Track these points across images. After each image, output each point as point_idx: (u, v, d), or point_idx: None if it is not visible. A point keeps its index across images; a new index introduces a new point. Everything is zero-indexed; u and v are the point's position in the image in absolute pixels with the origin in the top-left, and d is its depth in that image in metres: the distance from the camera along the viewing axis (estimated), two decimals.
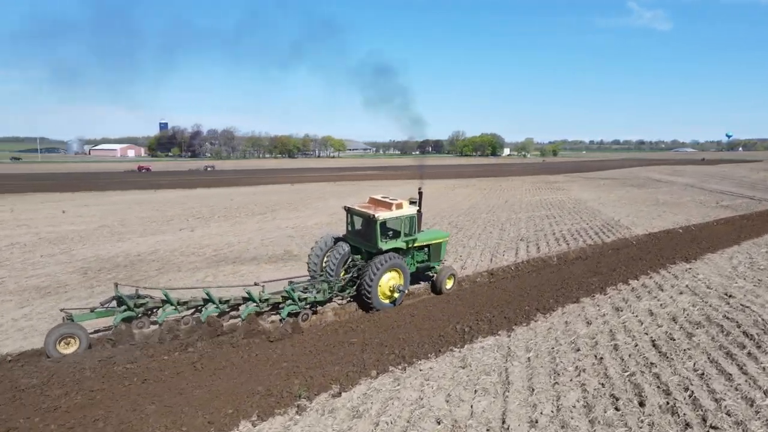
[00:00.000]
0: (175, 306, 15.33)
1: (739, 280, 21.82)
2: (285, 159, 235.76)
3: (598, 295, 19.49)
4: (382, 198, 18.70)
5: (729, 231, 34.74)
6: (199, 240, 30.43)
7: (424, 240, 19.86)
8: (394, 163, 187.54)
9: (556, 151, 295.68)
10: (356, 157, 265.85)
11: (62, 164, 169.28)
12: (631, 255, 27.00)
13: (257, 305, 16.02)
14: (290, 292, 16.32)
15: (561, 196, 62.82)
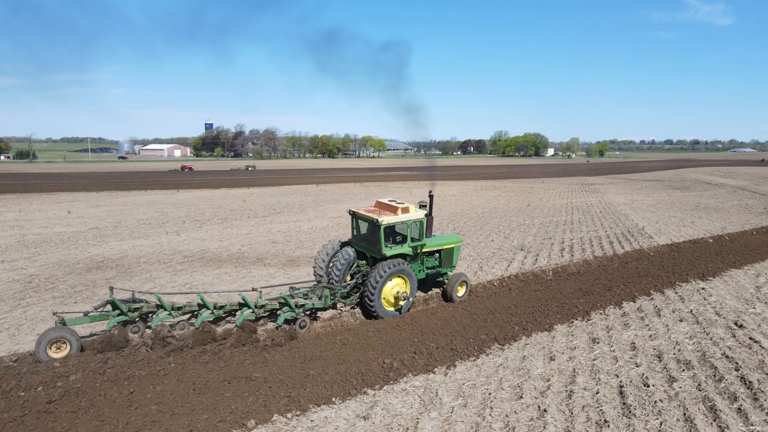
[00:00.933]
0: (169, 311, 14.98)
1: (758, 304, 18.46)
2: (324, 159, 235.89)
3: (578, 321, 16.62)
4: (389, 202, 18.01)
5: (767, 242, 30.84)
6: (176, 245, 28.92)
7: (434, 245, 18.93)
8: (433, 163, 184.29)
9: (602, 151, 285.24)
10: (396, 157, 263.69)
11: (109, 164, 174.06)
12: (640, 270, 23.76)
13: (253, 311, 15.49)
14: (286, 299, 15.75)
15: (592, 199, 58.88)
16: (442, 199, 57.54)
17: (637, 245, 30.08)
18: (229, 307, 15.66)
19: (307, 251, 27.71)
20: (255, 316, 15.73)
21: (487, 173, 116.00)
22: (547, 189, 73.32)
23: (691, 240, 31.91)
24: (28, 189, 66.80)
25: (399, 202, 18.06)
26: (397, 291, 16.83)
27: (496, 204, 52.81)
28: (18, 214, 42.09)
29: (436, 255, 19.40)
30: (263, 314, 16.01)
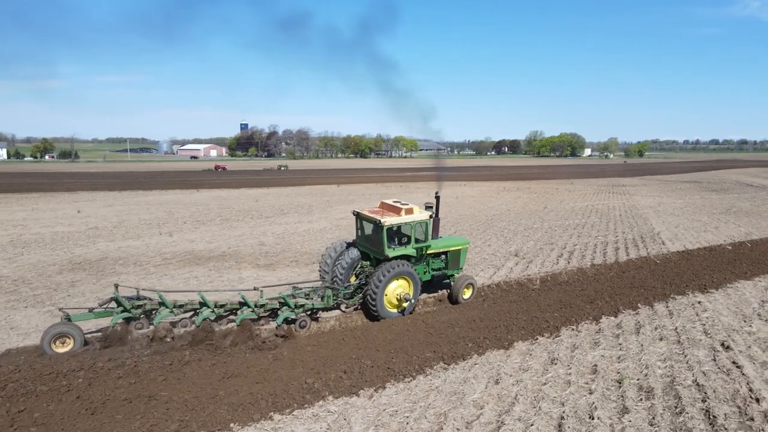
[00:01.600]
0: (171, 309, 15.16)
1: (756, 322, 16.55)
2: (356, 159, 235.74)
3: (543, 338, 15.12)
4: (393, 202, 17.85)
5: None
6: (162, 246, 28.47)
7: (440, 247, 18.84)
8: (463, 164, 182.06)
9: (642, 152, 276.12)
10: (429, 157, 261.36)
11: (145, 163, 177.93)
12: (636, 279, 21.92)
13: (253, 311, 15.61)
14: (285, 298, 15.83)
15: (617, 201, 56.31)
16: (458, 201, 56.03)
17: (645, 252, 28.10)
18: (230, 306, 15.74)
19: (290, 255, 26.85)
20: (256, 316, 15.75)
21: (516, 174, 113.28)
22: (573, 190, 70.75)
23: (706, 247, 29.66)
24: (55, 188, 68.25)
25: (403, 203, 17.76)
26: (399, 292, 16.73)
27: (512, 206, 50.93)
28: (28, 213, 42.70)
29: (442, 257, 19.18)
30: (264, 314, 15.96)
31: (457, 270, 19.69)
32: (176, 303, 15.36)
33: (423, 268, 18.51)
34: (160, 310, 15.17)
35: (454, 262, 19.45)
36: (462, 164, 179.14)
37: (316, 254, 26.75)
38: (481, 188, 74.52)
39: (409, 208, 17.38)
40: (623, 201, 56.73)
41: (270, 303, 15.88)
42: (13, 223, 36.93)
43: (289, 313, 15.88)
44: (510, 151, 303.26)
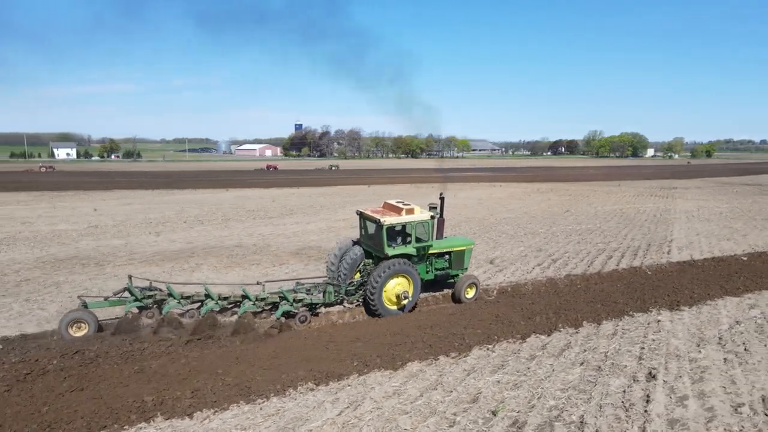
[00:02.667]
0: (178, 300, 16.00)
1: (710, 347, 14.35)
2: (406, 159, 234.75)
3: (446, 358, 13.56)
4: (396, 203, 18.13)
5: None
6: (139, 246, 28.48)
7: (444, 247, 19.20)
8: (514, 164, 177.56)
9: (710, 152, 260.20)
10: (481, 158, 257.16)
11: (202, 163, 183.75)
12: (605, 293, 19.79)
13: (254, 304, 16.28)
14: (284, 293, 16.39)
15: (653, 204, 52.81)
16: (479, 202, 54.17)
17: (640, 262, 25.66)
18: (233, 299, 16.49)
19: (259, 256, 26.22)
20: (257, 309, 16.43)
21: (560, 175, 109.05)
22: (613, 193, 67.03)
23: (717, 257, 26.84)
24: (95, 186, 71.14)
25: (405, 203, 17.99)
26: (399, 290, 17.04)
27: (532, 209, 48.48)
28: (46, 211, 44.24)
29: (445, 257, 19.37)
30: (265, 307, 16.57)
31: (462, 270, 19.78)
32: (183, 294, 16.18)
33: (424, 267, 18.64)
34: (168, 301, 16.01)
35: (458, 263, 19.57)
36: (510, 164, 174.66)
37: (286, 256, 26.06)
38: (514, 190, 71.88)
39: (410, 208, 17.62)
40: (660, 204, 53.01)
41: (270, 297, 16.49)
42: (21, 220, 38.21)
43: (288, 307, 16.40)
44: (567, 152, 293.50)
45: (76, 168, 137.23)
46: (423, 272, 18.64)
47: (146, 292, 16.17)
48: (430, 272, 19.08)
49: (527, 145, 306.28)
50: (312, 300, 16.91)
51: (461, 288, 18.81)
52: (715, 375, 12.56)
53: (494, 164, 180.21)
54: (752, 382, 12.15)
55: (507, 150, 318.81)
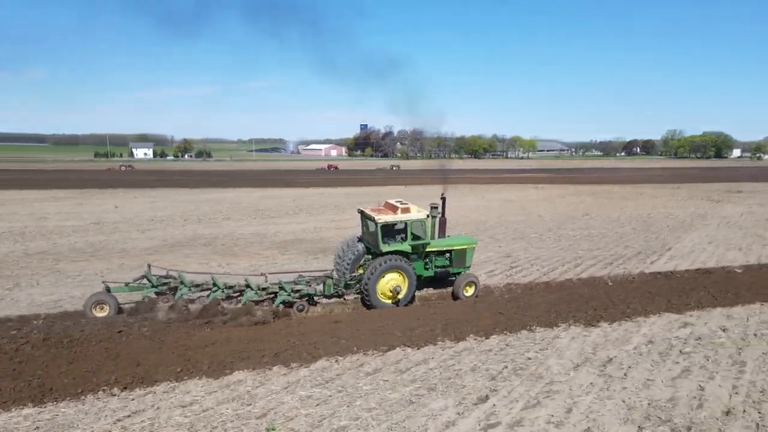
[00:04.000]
0: (189, 287, 17.33)
1: (587, 370, 12.83)
2: (468, 160, 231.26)
3: (285, 368, 12.93)
4: (395, 202, 18.88)
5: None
6: (112, 243, 29.36)
7: (443, 245, 19.79)
8: (579, 165, 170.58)
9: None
10: (548, 158, 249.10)
11: (267, 162, 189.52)
12: (530, 304, 18.29)
13: (255, 292, 17.42)
14: (282, 284, 17.46)
15: (693, 209, 49.07)
16: (501, 204, 52.51)
17: (611, 270, 23.75)
18: (238, 288, 17.63)
19: (220, 257, 26.41)
20: (258, 297, 17.54)
21: (616, 177, 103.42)
22: (658, 196, 62.68)
23: (706, 269, 24.43)
24: (140, 184, 74.94)
25: (403, 202, 18.76)
26: (392, 285, 17.70)
27: (550, 213, 46.14)
28: (71, 207, 46.86)
29: (446, 255, 19.83)
30: (266, 296, 17.65)
31: (464, 268, 20.12)
32: (193, 282, 17.52)
33: (421, 264, 19.21)
34: (180, 288, 17.30)
35: (460, 261, 19.97)
36: (575, 165, 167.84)
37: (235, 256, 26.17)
38: (552, 192, 68.79)
39: (406, 207, 18.36)
40: (701, 209, 48.94)
41: (271, 287, 17.58)
42: (39, 215, 40.55)
43: (286, 297, 17.41)
44: (643, 152, 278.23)
45: (150, 167, 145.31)
46: (421, 269, 19.24)
47: (162, 280, 17.63)
48: (430, 269, 19.62)
49: (599, 146, 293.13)
50: (308, 291, 17.85)
51: (460, 286, 19.10)
52: (557, 402, 11.18)
53: (556, 165, 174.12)
54: (590, 412, 10.71)
55: (577, 150, 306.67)
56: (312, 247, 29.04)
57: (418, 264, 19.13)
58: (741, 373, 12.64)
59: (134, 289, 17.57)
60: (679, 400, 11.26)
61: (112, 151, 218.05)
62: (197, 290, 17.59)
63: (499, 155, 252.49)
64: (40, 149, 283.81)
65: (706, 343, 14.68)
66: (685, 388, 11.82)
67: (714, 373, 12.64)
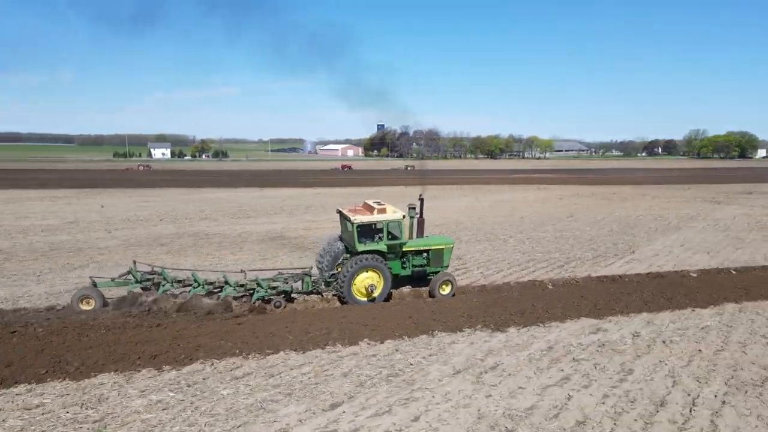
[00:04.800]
0: (171, 283, 18.05)
1: (466, 377, 12.42)
2: (483, 160, 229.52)
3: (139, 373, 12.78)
4: (373, 203, 19.29)
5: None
6: (70, 243, 29.66)
7: (420, 245, 20.18)
8: (595, 165, 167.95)
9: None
10: (566, 159, 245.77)
11: (281, 162, 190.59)
12: (447, 308, 17.89)
13: (234, 288, 17.93)
14: (259, 281, 18.02)
15: (685, 211, 47.81)
16: (490, 206, 51.87)
17: (556, 274, 23.20)
18: (218, 284, 18.28)
19: (170, 256, 26.52)
20: (236, 293, 17.98)
21: (625, 178, 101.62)
22: (660, 197, 61.37)
23: (657, 273, 23.70)
24: (153, 184, 75.97)
25: (379, 203, 19.16)
26: (367, 283, 18.21)
27: (535, 214, 45.40)
28: (59, 207, 47.66)
29: (423, 254, 20.19)
30: (244, 292, 18.05)
31: (442, 268, 20.35)
32: (175, 278, 18.25)
33: (398, 263, 19.63)
34: (163, 283, 17.90)
35: (437, 261, 20.25)
36: (591, 165, 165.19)
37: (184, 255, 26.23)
38: (551, 193, 67.72)
39: (382, 208, 18.73)
40: (695, 211, 47.65)
41: (249, 284, 18.01)
42: (21, 215, 41.22)
43: (263, 293, 17.86)
44: (665, 153, 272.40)
45: (166, 167, 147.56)
46: (398, 268, 19.69)
47: (146, 275, 18.23)
48: (407, 268, 20.02)
49: (620, 146, 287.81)
50: (284, 288, 18.25)
51: (435, 284, 19.36)
52: (410, 409, 10.80)
53: (572, 165, 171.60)
54: (438, 420, 10.36)
55: (597, 150, 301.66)
56: (267, 247, 29.00)
57: (395, 263, 19.54)
58: (621, 382, 12.12)
59: (120, 284, 18.02)
60: (537, 410, 10.82)
61: (131, 151, 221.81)
62: (179, 286, 18.25)
63: (516, 155, 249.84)
64: (67, 149, 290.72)
65: (605, 350, 14.15)
66: (551, 397, 11.36)
67: (593, 382, 12.14)
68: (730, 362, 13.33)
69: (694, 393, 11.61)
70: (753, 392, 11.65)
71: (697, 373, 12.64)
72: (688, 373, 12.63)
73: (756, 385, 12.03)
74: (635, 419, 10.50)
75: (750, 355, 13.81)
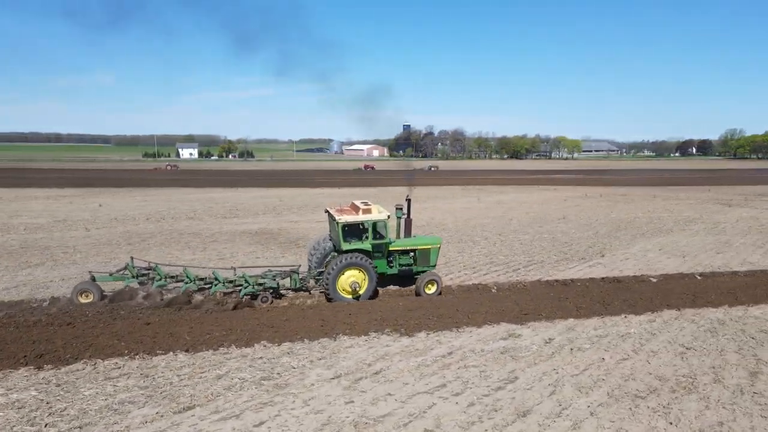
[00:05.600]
0: (163, 278, 18.86)
1: (341, 382, 12.11)
2: (508, 160, 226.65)
3: None
4: (359, 203, 19.77)
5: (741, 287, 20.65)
6: (47, 240, 30.52)
7: (407, 245, 20.62)
8: (619, 166, 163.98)
9: None
10: (595, 159, 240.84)
11: (305, 162, 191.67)
12: (384, 309, 17.58)
13: (223, 285, 18.80)
14: (246, 277, 18.78)
15: (688, 213, 46.25)
16: (485, 206, 50.88)
17: (524, 276, 22.87)
18: (208, 280, 19.11)
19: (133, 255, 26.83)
20: (226, 289, 18.86)
21: (643, 179, 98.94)
22: (671, 199, 59.63)
23: (614, 277, 22.94)
24: (164, 184, 77.46)
25: (365, 204, 19.61)
26: (351, 281, 18.62)
27: (527, 215, 44.50)
28: (53, 204, 48.84)
29: (410, 254, 20.56)
30: (233, 288, 18.86)
31: (429, 267, 20.67)
32: (169, 274, 19.09)
33: (384, 262, 20.03)
34: (156, 279, 18.75)
35: (424, 260, 20.61)
36: (615, 166, 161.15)
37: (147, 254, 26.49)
38: (558, 194, 66.35)
39: (367, 208, 19.21)
40: (693, 214, 45.87)
41: (238, 280, 18.88)
42: (10, 213, 42.07)
43: (250, 289, 18.53)
44: (699, 153, 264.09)
45: (191, 167, 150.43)
46: (384, 267, 20.10)
47: (141, 271, 19.19)
48: (394, 267, 20.44)
49: (652, 146, 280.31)
50: (270, 284, 18.79)
51: (421, 284, 19.72)
52: (259, 415, 10.56)
53: (596, 165, 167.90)
54: (279, 426, 10.11)
55: (628, 151, 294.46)
56: (233, 245, 29.16)
57: (381, 262, 19.94)
58: (496, 391, 11.65)
59: (117, 278, 18.89)
60: (391, 417, 10.48)
61: (160, 151, 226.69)
62: (172, 281, 18.98)
63: (543, 156, 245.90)
64: (103, 149, 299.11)
65: (503, 357, 13.64)
66: (413, 405, 10.97)
67: (467, 389, 11.70)
68: (627, 372, 12.68)
69: (567, 403, 11.05)
70: (629, 404, 11.03)
71: (584, 383, 12.05)
72: (574, 383, 12.05)
73: (638, 396, 11.39)
74: (487, 429, 10.04)
75: (652, 365, 13.11)
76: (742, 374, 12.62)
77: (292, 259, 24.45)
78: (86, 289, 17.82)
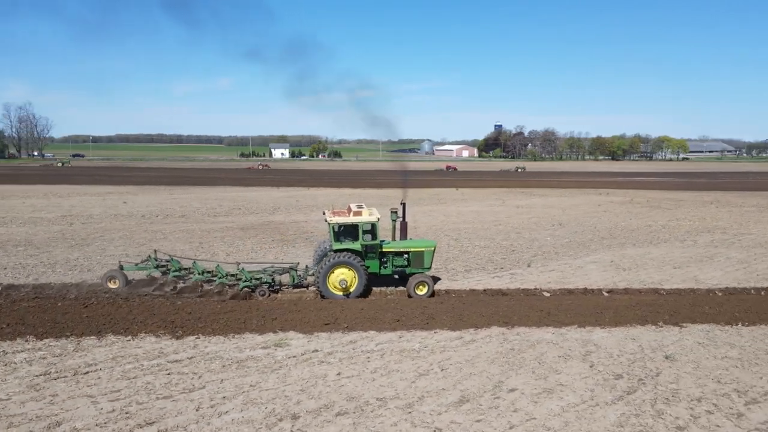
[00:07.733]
0: (177, 269, 21.13)
1: (147, 379, 12.70)
2: (604, 161, 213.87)
3: None
4: (354, 206, 20.98)
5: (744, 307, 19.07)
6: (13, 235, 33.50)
7: (400, 247, 21.45)
8: (736, 168, 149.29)
9: None
10: (705, 160, 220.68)
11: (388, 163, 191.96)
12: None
13: (225, 278, 20.69)
14: (244, 272, 20.51)
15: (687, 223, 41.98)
16: (503, 210, 49.22)
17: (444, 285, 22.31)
18: (215, 272, 20.99)
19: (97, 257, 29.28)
20: (228, 282, 20.51)
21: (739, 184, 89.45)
22: (722, 207, 54.18)
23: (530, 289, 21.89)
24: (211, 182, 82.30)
25: (358, 206, 20.82)
26: (341, 279, 19.57)
27: (524, 221, 42.65)
28: (88, 200, 52.92)
29: (404, 256, 21.29)
30: (235, 281, 20.48)
31: (424, 269, 21.24)
32: (182, 266, 21.29)
33: (376, 263, 20.87)
34: (172, 270, 20.96)
35: (418, 262, 21.20)
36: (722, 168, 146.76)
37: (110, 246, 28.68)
38: (600, 198, 62.68)
39: (358, 211, 20.37)
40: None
41: (239, 274, 20.52)
42: (38, 208, 46.59)
43: (247, 283, 20.20)
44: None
45: (281, 165, 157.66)
46: (377, 267, 20.91)
47: (162, 262, 21.43)
48: (388, 268, 21.25)
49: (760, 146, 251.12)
50: (266, 280, 20.39)
51: (411, 285, 20.30)
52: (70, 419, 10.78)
53: (697, 168, 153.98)
54: None
55: (749, 151, 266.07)
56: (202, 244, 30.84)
57: (374, 263, 20.77)
58: (166, 397, 11.63)
59: (141, 268, 21.16)
60: None
61: (254, 151, 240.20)
62: (186, 272, 20.99)
63: (644, 157, 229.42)
64: (216, 149, 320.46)
65: (257, 365, 13.38)
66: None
67: (152, 394, 11.90)
68: (353, 389, 12.10)
69: (213, 417, 10.88)
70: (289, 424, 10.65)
71: (297, 398, 11.57)
72: (271, 396, 11.76)
73: (343, 413, 10.96)
74: None
75: (392, 379, 12.58)
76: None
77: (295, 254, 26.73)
78: (114, 275, 20.29)
